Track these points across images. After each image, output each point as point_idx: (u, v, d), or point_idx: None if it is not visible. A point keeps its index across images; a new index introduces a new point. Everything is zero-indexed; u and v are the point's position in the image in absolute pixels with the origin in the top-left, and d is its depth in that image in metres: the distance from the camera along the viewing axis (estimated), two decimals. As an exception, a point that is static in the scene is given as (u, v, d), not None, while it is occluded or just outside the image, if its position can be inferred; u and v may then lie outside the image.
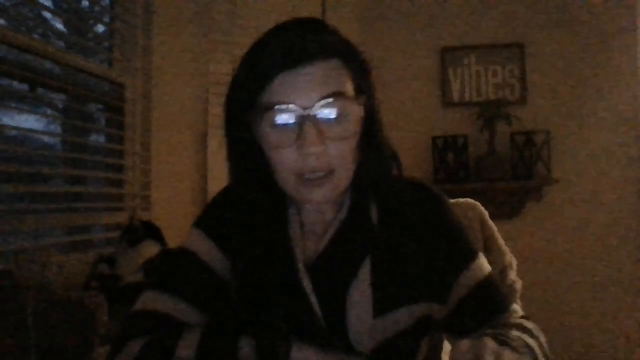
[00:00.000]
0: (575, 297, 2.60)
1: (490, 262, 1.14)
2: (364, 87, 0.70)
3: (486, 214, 1.17)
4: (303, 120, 0.64)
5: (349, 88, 0.67)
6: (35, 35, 1.52)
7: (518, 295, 1.13)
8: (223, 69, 2.18)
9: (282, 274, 0.71)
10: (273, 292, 0.71)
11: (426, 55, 2.77)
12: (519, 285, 1.13)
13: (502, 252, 1.15)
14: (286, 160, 0.67)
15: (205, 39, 2.14)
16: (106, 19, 1.84)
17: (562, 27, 2.68)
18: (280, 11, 2.31)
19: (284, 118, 0.65)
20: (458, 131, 2.61)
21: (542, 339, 0.69)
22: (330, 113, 0.65)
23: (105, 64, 1.80)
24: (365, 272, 0.70)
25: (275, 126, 0.66)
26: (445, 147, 2.58)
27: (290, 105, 0.64)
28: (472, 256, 0.75)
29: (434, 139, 2.60)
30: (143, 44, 1.83)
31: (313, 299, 0.69)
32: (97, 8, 1.87)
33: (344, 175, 0.69)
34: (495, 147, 2.55)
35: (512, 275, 1.14)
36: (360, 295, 0.69)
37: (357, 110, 0.68)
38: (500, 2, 2.73)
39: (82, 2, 1.75)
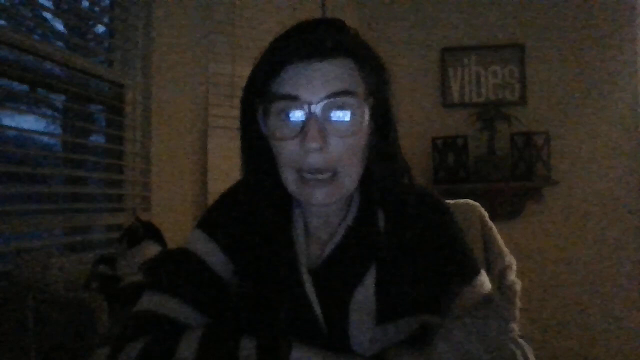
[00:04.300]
0: (575, 297, 2.60)
1: (490, 263, 1.15)
2: (377, 91, 0.69)
3: (486, 214, 1.17)
4: (308, 115, 0.64)
5: (360, 89, 0.67)
6: (35, 36, 1.52)
7: (518, 295, 1.12)
8: (223, 69, 2.18)
9: (284, 277, 0.71)
10: (275, 295, 0.71)
11: (426, 55, 2.78)
12: (518, 286, 1.13)
13: (502, 253, 1.15)
14: (287, 154, 0.66)
15: (205, 39, 2.14)
16: (106, 19, 1.84)
17: (562, 27, 2.68)
18: (280, 11, 2.32)
19: (290, 113, 0.65)
20: (458, 132, 2.62)
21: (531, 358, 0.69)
22: (336, 111, 0.65)
23: (105, 64, 1.80)
24: (370, 280, 0.69)
25: (282, 118, 0.66)
26: (445, 148, 2.58)
27: (296, 98, 0.64)
28: (475, 272, 0.74)
29: (434, 139, 2.61)
30: (143, 44, 1.83)
31: (315, 303, 0.69)
32: (97, 8, 1.86)
33: (348, 178, 0.68)
34: (495, 148, 2.55)
35: (512, 275, 1.14)
36: (363, 302, 0.69)
37: (364, 112, 0.67)
38: (500, 2, 2.73)
39: (82, 2, 1.75)
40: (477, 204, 1.18)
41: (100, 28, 1.92)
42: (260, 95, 0.68)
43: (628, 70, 2.62)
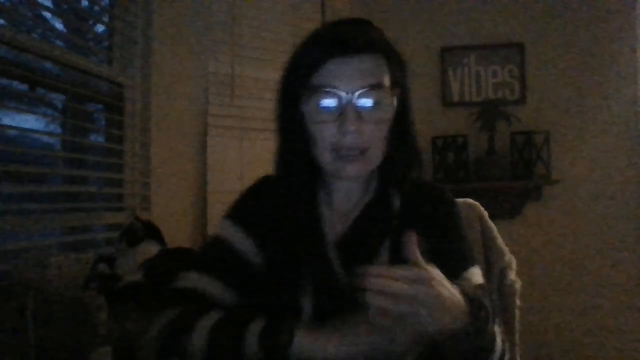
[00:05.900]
0: (575, 297, 2.60)
1: (490, 262, 1.15)
2: (400, 82, 0.82)
3: (486, 214, 1.17)
4: (345, 104, 0.75)
5: (387, 81, 0.79)
6: (35, 35, 1.52)
7: (518, 295, 1.13)
8: (223, 69, 2.18)
9: (311, 250, 0.81)
10: (302, 266, 0.79)
11: (426, 55, 2.77)
12: (518, 285, 1.13)
13: (502, 252, 1.15)
14: (326, 135, 0.78)
15: (205, 39, 2.14)
16: (106, 19, 1.84)
17: (562, 27, 2.68)
18: (280, 11, 2.31)
19: (329, 101, 0.77)
20: (458, 131, 2.62)
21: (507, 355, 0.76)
22: (368, 100, 0.77)
23: (105, 64, 1.80)
24: (385, 252, 0.79)
25: (323, 105, 0.77)
26: (445, 147, 2.58)
27: (336, 89, 0.76)
28: (472, 262, 0.82)
29: (434, 139, 2.61)
30: (143, 44, 1.83)
31: (340, 272, 0.78)
32: (97, 8, 1.86)
33: (375, 154, 0.80)
34: (495, 147, 2.55)
35: (512, 275, 1.14)
36: None
37: (391, 101, 0.79)
38: (500, 2, 2.73)
39: (82, 2, 1.75)
40: (476, 203, 1.18)
41: (100, 27, 1.92)
42: (302, 85, 0.79)
43: (628, 69, 2.62)
